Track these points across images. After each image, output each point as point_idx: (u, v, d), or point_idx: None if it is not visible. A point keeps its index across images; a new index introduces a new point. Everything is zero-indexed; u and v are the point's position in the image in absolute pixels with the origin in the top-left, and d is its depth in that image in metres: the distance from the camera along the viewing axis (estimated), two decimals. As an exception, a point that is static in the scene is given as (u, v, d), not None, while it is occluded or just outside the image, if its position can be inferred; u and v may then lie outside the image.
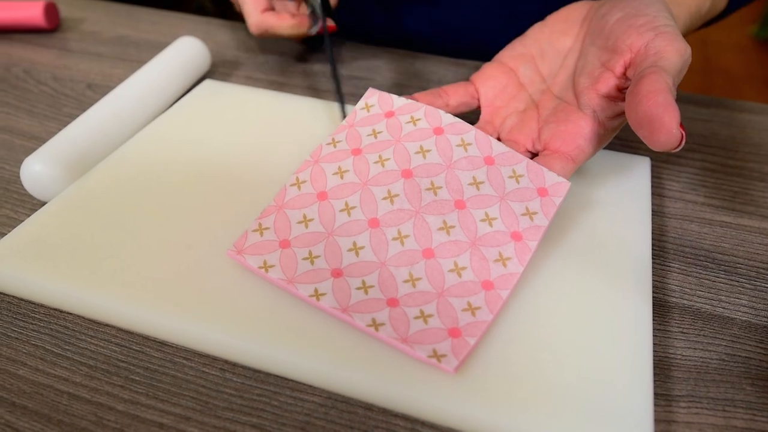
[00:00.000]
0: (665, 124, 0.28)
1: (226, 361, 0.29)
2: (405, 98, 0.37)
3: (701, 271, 0.34)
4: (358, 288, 0.30)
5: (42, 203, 0.38)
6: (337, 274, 0.30)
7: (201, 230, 0.34)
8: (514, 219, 0.32)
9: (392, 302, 0.29)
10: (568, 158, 0.34)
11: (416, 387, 0.26)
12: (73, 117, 0.46)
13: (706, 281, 0.34)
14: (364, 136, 0.36)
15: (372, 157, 0.35)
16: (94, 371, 0.29)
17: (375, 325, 0.28)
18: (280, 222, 0.33)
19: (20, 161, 0.42)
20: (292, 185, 0.34)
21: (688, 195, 0.39)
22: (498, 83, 0.39)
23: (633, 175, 0.38)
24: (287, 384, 0.28)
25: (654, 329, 0.31)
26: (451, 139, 0.35)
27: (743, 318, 0.32)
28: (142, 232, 0.33)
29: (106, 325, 0.31)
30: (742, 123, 0.47)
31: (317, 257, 0.31)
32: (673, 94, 0.29)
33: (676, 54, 0.31)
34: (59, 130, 0.45)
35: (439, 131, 0.36)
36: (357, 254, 0.31)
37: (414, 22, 0.60)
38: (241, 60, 0.54)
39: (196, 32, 0.59)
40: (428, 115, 0.36)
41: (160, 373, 0.29)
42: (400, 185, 0.33)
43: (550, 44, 0.39)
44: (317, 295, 0.29)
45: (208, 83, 0.46)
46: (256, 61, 0.54)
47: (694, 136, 0.45)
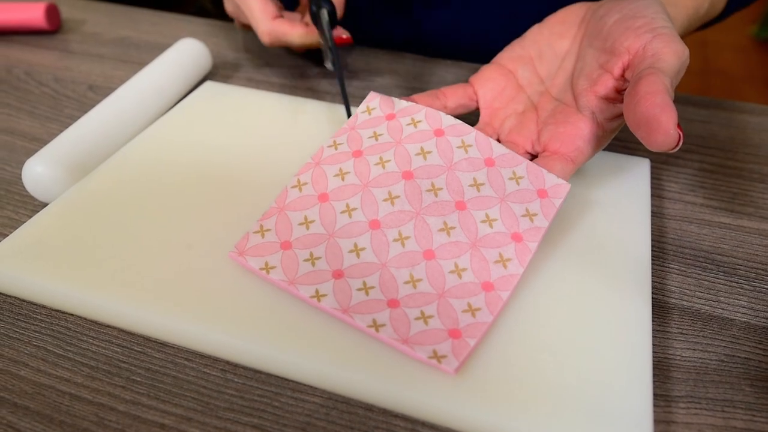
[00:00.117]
0: (663, 124, 0.28)
1: (227, 362, 0.29)
2: (406, 101, 0.38)
3: (700, 272, 0.34)
4: (358, 289, 0.30)
5: (43, 204, 0.38)
6: (338, 275, 0.30)
7: (202, 231, 0.34)
8: (515, 220, 0.32)
9: (393, 303, 0.29)
10: (567, 159, 0.34)
11: (416, 388, 0.26)
12: (74, 118, 0.46)
13: (706, 282, 0.34)
14: (365, 138, 0.36)
15: (373, 158, 0.35)
16: (95, 372, 0.29)
17: (375, 326, 0.28)
18: (281, 224, 0.33)
19: (21, 162, 0.42)
20: (293, 187, 0.35)
21: (687, 196, 0.40)
22: (497, 85, 0.39)
23: (632, 176, 0.38)
24: (288, 385, 0.28)
25: (653, 330, 0.31)
26: (452, 140, 0.35)
27: (742, 319, 0.32)
28: (143, 233, 0.33)
29: (108, 326, 0.31)
30: (741, 124, 0.47)
31: (318, 258, 0.31)
32: (671, 95, 0.29)
33: (674, 55, 0.31)
34: (60, 131, 0.45)
35: (439, 133, 0.36)
36: (358, 255, 0.31)
37: (414, 25, 0.60)
38: (242, 62, 0.54)
39: (197, 34, 0.59)
40: (429, 117, 0.36)
41: (161, 373, 0.29)
42: (401, 187, 0.34)
43: (548, 46, 0.39)
44: (318, 296, 0.29)
45: (209, 85, 0.46)
46: (257, 63, 0.54)
47: (693, 138, 0.45)
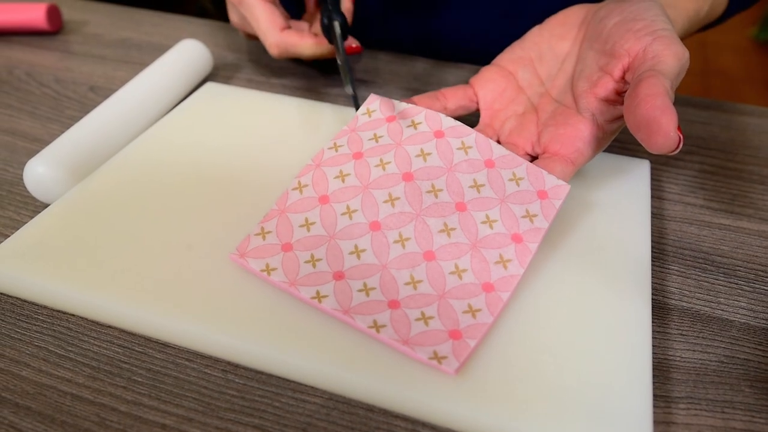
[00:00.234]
0: (663, 127, 0.28)
1: (228, 363, 0.29)
2: (406, 103, 0.38)
3: (700, 273, 0.34)
4: (359, 290, 0.30)
5: (45, 205, 0.38)
6: (339, 276, 0.31)
7: (203, 232, 0.34)
8: (515, 221, 0.32)
9: (393, 304, 0.29)
10: (567, 161, 0.34)
11: (417, 388, 0.26)
12: (75, 119, 0.47)
13: (705, 283, 0.34)
14: (366, 141, 0.36)
15: (373, 160, 0.35)
16: (97, 372, 0.29)
17: (376, 326, 0.28)
18: (282, 226, 0.33)
19: (23, 163, 0.42)
20: (294, 189, 0.35)
21: (687, 198, 0.40)
22: (497, 86, 0.39)
23: (632, 177, 0.38)
24: (289, 385, 0.28)
25: (653, 331, 0.31)
26: (452, 142, 0.35)
27: (742, 320, 0.32)
28: (144, 234, 0.34)
29: (109, 326, 0.31)
30: (741, 126, 0.47)
31: (319, 260, 0.31)
32: (671, 97, 0.29)
33: (674, 58, 0.31)
34: (62, 132, 0.45)
35: (439, 134, 0.36)
36: (358, 257, 0.31)
37: (415, 28, 0.60)
38: (243, 63, 0.54)
39: (198, 35, 0.59)
40: (429, 119, 0.36)
41: (162, 374, 0.29)
42: (401, 188, 0.34)
43: (548, 48, 0.39)
44: (319, 297, 0.29)
45: (209, 86, 0.46)
46: (258, 64, 0.54)
47: (693, 139, 0.45)
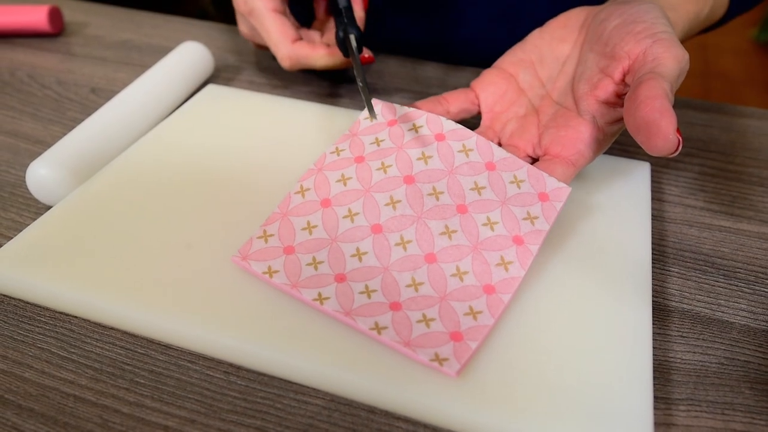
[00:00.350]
0: (662, 129, 0.28)
1: (231, 364, 0.29)
2: (407, 107, 0.38)
3: (700, 275, 0.34)
4: (361, 292, 0.30)
5: (47, 207, 0.38)
6: (341, 278, 0.31)
7: (205, 234, 0.34)
8: (516, 223, 0.32)
9: (395, 306, 0.29)
10: (568, 163, 0.34)
11: (418, 390, 0.26)
12: (77, 121, 0.47)
13: (706, 285, 0.34)
14: (367, 145, 0.36)
15: (374, 164, 0.35)
16: (99, 374, 0.29)
17: (378, 328, 0.28)
18: (284, 229, 0.33)
19: (25, 165, 0.42)
20: (296, 193, 0.35)
21: (687, 200, 0.40)
22: (498, 89, 0.39)
23: (633, 180, 0.38)
24: (291, 387, 0.28)
25: (654, 333, 0.31)
26: (453, 145, 0.36)
27: (742, 322, 0.32)
28: (147, 236, 0.34)
29: (111, 328, 0.31)
30: (741, 128, 0.47)
31: (321, 263, 0.31)
32: (671, 99, 0.29)
33: (674, 60, 0.31)
34: (63, 134, 0.45)
35: (440, 137, 0.36)
36: (360, 260, 0.31)
37: (415, 32, 0.60)
38: (244, 65, 0.54)
39: (199, 37, 0.59)
40: (430, 122, 0.37)
41: (164, 376, 0.29)
42: (402, 191, 0.34)
43: (549, 50, 0.39)
44: (321, 299, 0.30)
45: (211, 88, 0.46)
46: (259, 66, 0.54)
47: (693, 141, 0.45)
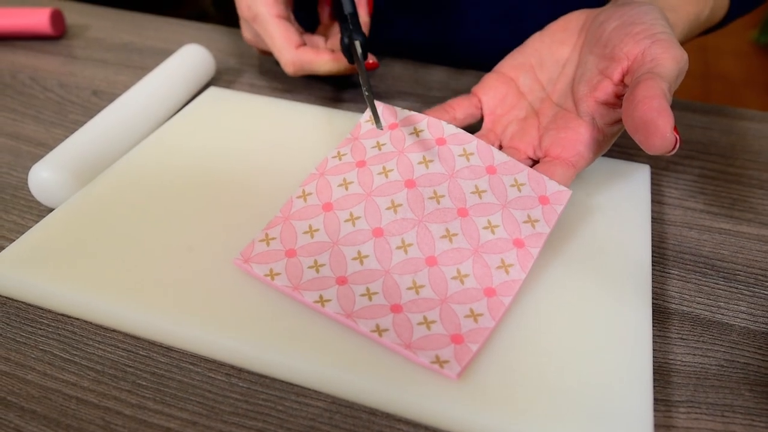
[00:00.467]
0: (660, 128, 0.28)
1: (232, 367, 0.29)
2: (408, 111, 0.38)
3: (700, 277, 0.35)
4: (362, 295, 0.30)
5: (49, 209, 0.38)
6: (342, 281, 0.31)
7: (207, 236, 0.34)
8: (516, 226, 0.33)
9: (396, 308, 0.30)
10: (568, 164, 0.35)
11: (420, 392, 0.27)
12: (78, 123, 0.47)
13: (706, 288, 0.34)
14: (369, 149, 0.37)
15: (376, 168, 0.35)
16: (101, 376, 0.29)
17: (379, 330, 0.28)
18: (286, 232, 0.33)
19: (27, 167, 0.42)
20: (298, 197, 0.35)
21: (687, 202, 0.40)
22: (498, 92, 0.40)
23: (633, 182, 0.38)
24: (292, 389, 0.28)
25: (654, 335, 0.31)
26: (454, 149, 0.36)
27: (742, 324, 0.32)
28: (149, 238, 0.34)
29: (113, 330, 0.31)
30: (741, 130, 0.47)
31: (322, 266, 0.32)
32: (669, 99, 0.29)
33: (672, 61, 0.31)
34: (65, 136, 0.45)
35: (441, 142, 0.36)
36: (361, 263, 0.32)
37: (418, 33, 0.60)
38: (245, 67, 0.54)
39: (200, 39, 0.59)
40: (431, 127, 0.37)
41: (166, 378, 0.29)
42: (404, 195, 0.34)
43: (549, 53, 0.39)
44: (322, 301, 0.30)
45: (212, 91, 0.47)
46: (260, 69, 0.54)
47: (694, 144, 0.46)
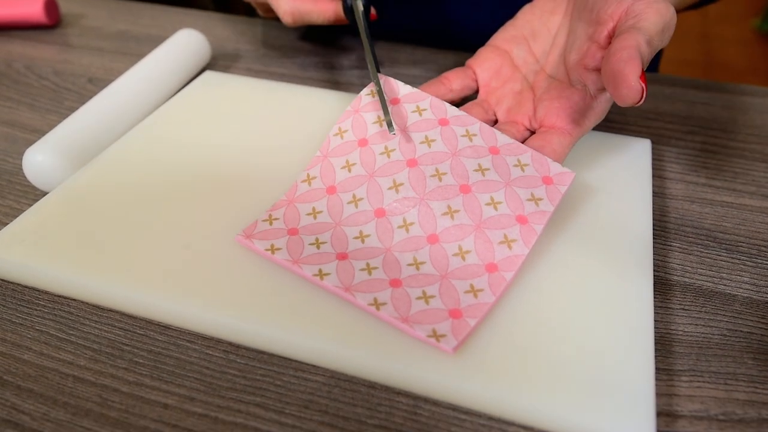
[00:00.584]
0: (627, 77, 0.28)
1: (230, 343, 0.29)
2: (410, 87, 0.37)
3: (702, 249, 0.34)
4: (361, 269, 0.30)
5: (44, 194, 0.38)
6: (342, 257, 0.31)
7: (203, 215, 0.34)
8: (520, 203, 0.32)
9: (395, 283, 0.29)
10: (564, 133, 0.34)
11: (419, 365, 0.26)
12: (74, 110, 0.47)
13: (708, 260, 0.34)
14: (370, 124, 0.36)
15: (378, 147, 0.35)
16: (98, 355, 0.29)
17: (376, 304, 0.28)
18: (290, 214, 0.33)
19: (23, 154, 0.42)
20: (302, 182, 0.35)
21: (689, 176, 0.39)
22: (493, 65, 0.39)
23: (634, 157, 0.38)
24: (290, 364, 0.28)
25: (656, 307, 0.31)
26: (456, 129, 0.35)
27: (745, 295, 0.32)
28: (143, 219, 0.33)
29: (110, 309, 0.31)
30: (743, 105, 0.47)
31: (324, 243, 0.31)
32: (642, 50, 0.29)
33: (656, 14, 0.30)
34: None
35: (444, 122, 0.36)
36: (363, 241, 0.31)
37: (415, 17, 0.60)
38: (241, 53, 0.54)
39: (196, 26, 0.59)
40: (433, 107, 0.36)
41: (164, 355, 0.29)
42: (405, 174, 0.34)
43: (541, 23, 0.39)
44: (321, 274, 0.29)
45: (208, 74, 0.46)
46: (256, 54, 0.54)
47: (695, 119, 0.45)
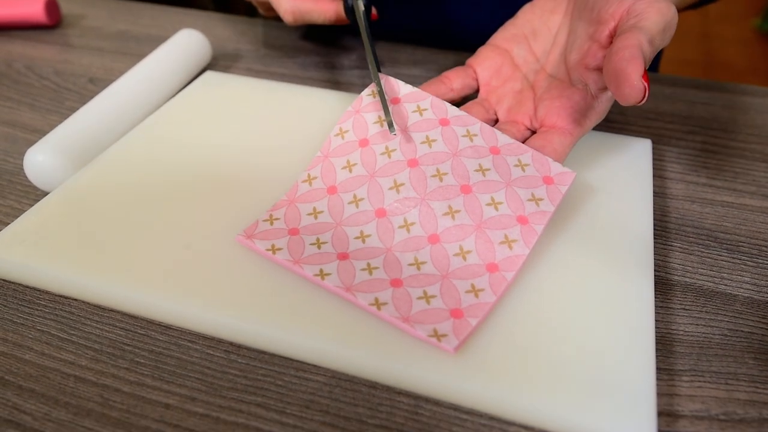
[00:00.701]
0: (629, 76, 0.28)
1: (231, 343, 0.29)
2: (411, 86, 0.37)
3: (703, 249, 0.34)
4: (362, 269, 0.30)
5: (45, 194, 0.38)
6: (343, 257, 0.31)
7: (204, 216, 0.34)
8: (520, 204, 0.32)
9: (396, 282, 0.29)
10: (565, 132, 0.34)
11: (420, 365, 0.26)
12: (75, 110, 0.47)
13: (708, 260, 0.34)
14: (371, 124, 0.36)
15: (378, 148, 0.35)
16: (99, 355, 0.29)
17: (377, 304, 0.28)
18: (290, 214, 0.33)
19: (23, 154, 0.42)
20: (303, 182, 0.35)
21: (689, 176, 0.39)
22: (493, 64, 0.39)
23: (634, 157, 0.38)
24: (291, 364, 0.28)
25: (657, 306, 0.31)
26: (457, 130, 0.35)
27: (746, 294, 0.32)
28: (144, 218, 0.34)
29: (111, 309, 0.31)
30: (743, 105, 0.47)
31: (324, 243, 0.31)
32: (644, 50, 0.29)
33: (657, 14, 0.30)
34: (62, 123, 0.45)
35: (444, 122, 0.36)
36: (363, 241, 0.31)
37: (415, 17, 0.60)
38: (242, 53, 0.54)
39: (197, 26, 0.59)
40: (434, 107, 0.36)
41: (165, 355, 0.29)
42: (406, 174, 0.34)
43: (541, 23, 0.39)
44: (322, 274, 0.29)
45: (209, 74, 0.46)
46: (256, 54, 0.54)
47: (695, 119, 0.45)
